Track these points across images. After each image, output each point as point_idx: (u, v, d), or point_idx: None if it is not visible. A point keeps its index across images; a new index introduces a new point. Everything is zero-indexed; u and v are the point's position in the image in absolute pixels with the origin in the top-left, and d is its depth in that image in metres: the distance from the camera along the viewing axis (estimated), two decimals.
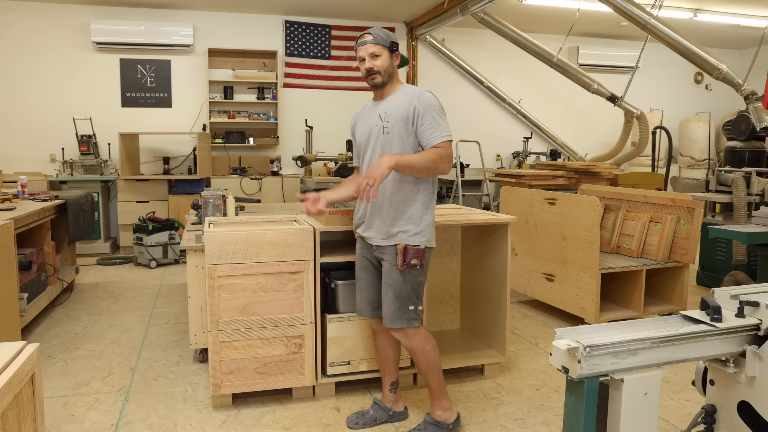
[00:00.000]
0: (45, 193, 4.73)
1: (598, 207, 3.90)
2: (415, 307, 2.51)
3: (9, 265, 3.31)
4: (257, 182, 7.13)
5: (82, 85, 7.17)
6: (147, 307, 4.70)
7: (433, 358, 2.58)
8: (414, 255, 2.45)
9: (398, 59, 2.57)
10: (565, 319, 4.32)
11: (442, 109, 2.49)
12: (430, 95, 2.48)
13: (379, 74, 2.50)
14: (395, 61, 2.55)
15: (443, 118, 2.46)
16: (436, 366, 2.59)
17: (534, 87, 8.78)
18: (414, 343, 2.55)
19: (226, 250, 2.73)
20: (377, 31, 2.51)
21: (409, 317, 2.50)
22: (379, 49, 2.49)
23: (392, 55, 2.53)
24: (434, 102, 2.46)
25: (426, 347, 2.56)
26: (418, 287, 2.52)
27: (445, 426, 2.62)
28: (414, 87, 2.57)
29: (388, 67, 2.51)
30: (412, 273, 2.48)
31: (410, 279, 2.48)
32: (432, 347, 2.58)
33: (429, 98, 2.46)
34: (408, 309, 2.49)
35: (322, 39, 7.86)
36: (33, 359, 1.33)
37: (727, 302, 1.87)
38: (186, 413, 2.85)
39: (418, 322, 2.53)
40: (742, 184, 4.67)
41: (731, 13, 7.59)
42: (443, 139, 2.42)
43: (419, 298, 2.53)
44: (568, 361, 1.59)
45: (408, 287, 2.48)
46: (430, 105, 2.44)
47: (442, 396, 2.63)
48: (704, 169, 8.70)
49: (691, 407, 2.93)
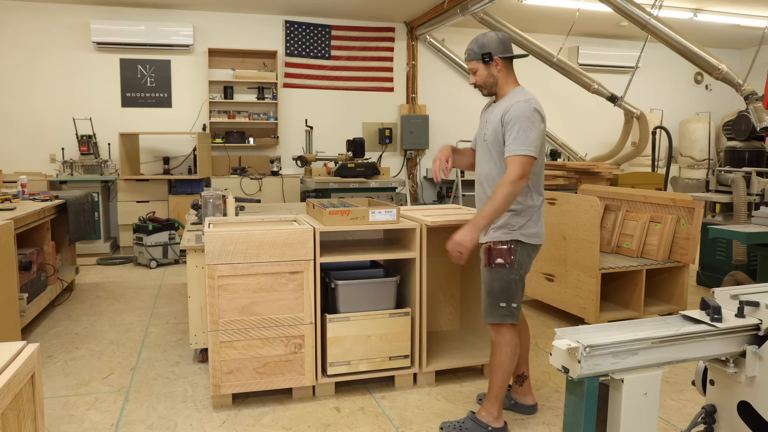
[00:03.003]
0: (45, 193, 4.73)
1: (598, 207, 3.90)
2: (507, 304, 2.53)
3: (9, 265, 3.31)
4: (257, 182, 7.13)
5: (82, 85, 7.17)
6: (147, 307, 4.70)
7: (507, 361, 2.58)
8: (498, 254, 2.50)
9: (500, 64, 2.53)
10: (565, 319, 4.31)
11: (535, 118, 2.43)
12: (522, 105, 2.45)
13: (482, 87, 2.58)
14: (496, 67, 2.53)
15: (529, 130, 2.41)
16: (504, 369, 2.59)
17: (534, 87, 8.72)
18: (498, 338, 2.58)
19: (226, 250, 2.73)
20: (471, 45, 2.54)
21: (500, 314, 2.54)
22: (474, 64, 2.54)
23: (489, 65, 2.53)
24: (523, 112, 2.43)
25: (505, 349, 2.57)
26: (508, 285, 2.53)
27: (484, 425, 2.60)
28: (517, 93, 2.53)
29: (486, 78, 2.55)
30: (500, 271, 2.53)
31: (498, 277, 2.53)
32: (510, 351, 2.58)
33: (519, 108, 2.44)
34: (499, 306, 2.54)
35: (322, 39, 7.86)
36: (33, 359, 1.33)
37: (727, 302, 1.87)
38: (186, 413, 2.85)
39: (511, 319, 2.54)
40: (742, 184, 4.67)
41: (731, 13, 7.58)
42: (515, 153, 2.41)
43: (511, 296, 2.54)
44: (568, 361, 1.59)
45: (497, 285, 2.53)
46: (517, 116, 2.43)
47: (495, 401, 2.62)
48: (704, 169, 8.69)
49: (691, 407, 2.93)
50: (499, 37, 2.54)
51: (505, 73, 2.56)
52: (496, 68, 2.54)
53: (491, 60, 2.52)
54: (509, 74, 2.58)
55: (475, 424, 2.60)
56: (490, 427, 2.59)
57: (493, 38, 2.53)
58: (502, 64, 2.54)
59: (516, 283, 2.54)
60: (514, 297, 2.55)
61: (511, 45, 2.57)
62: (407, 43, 8.21)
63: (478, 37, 2.55)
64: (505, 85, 2.57)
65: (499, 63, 2.53)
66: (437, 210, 3.49)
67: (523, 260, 2.55)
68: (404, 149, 8.15)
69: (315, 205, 3.22)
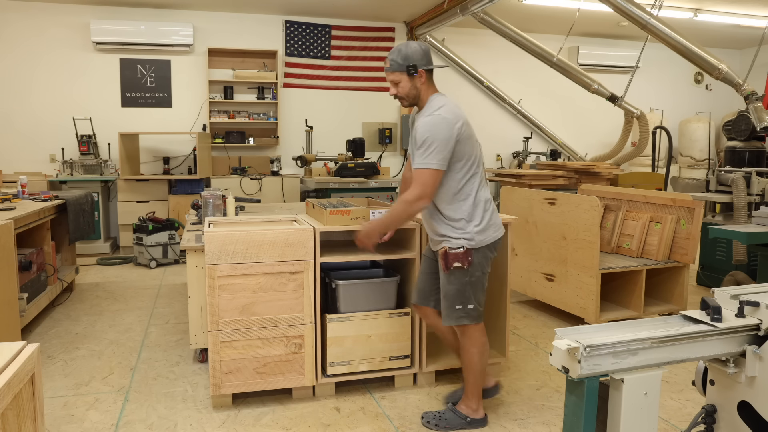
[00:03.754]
0: (45, 193, 4.73)
1: (598, 207, 3.90)
2: (462, 306, 2.57)
3: (9, 265, 3.31)
4: (257, 182, 7.13)
5: (82, 85, 7.17)
6: (147, 307, 4.70)
7: (476, 361, 2.65)
8: (455, 258, 2.51)
9: (423, 76, 2.52)
10: (565, 319, 4.31)
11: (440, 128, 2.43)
12: (429, 119, 2.46)
13: (404, 99, 2.56)
14: (420, 79, 2.52)
15: (434, 142, 2.41)
16: (476, 369, 2.66)
17: (534, 87, 8.77)
18: (463, 340, 2.66)
19: (226, 250, 2.73)
20: (394, 56, 2.51)
21: (457, 316, 2.58)
22: (397, 75, 2.51)
23: (413, 77, 2.51)
24: (428, 126, 2.43)
25: (471, 349, 2.64)
26: (464, 287, 2.56)
27: (462, 416, 2.68)
28: (432, 104, 2.53)
29: (410, 90, 2.53)
30: (456, 274, 2.55)
31: (454, 280, 2.56)
32: (478, 351, 2.64)
33: (425, 122, 2.45)
34: (455, 308, 2.57)
35: (322, 39, 7.86)
36: (33, 359, 1.33)
37: (727, 302, 1.87)
38: (186, 413, 2.85)
39: (468, 320, 2.58)
40: (742, 184, 4.67)
41: (731, 13, 7.58)
42: (418, 166, 2.45)
43: (467, 298, 2.57)
44: (568, 361, 1.59)
45: (452, 288, 2.56)
46: (423, 130, 2.44)
47: (473, 397, 2.70)
48: (704, 169, 8.69)
49: (691, 407, 2.93)
50: (422, 48, 2.53)
51: (427, 85, 2.55)
52: (420, 80, 2.52)
53: (416, 72, 2.50)
54: (430, 86, 2.57)
55: (454, 415, 2.68)
56: (469, 418, 2.68)
57: (417, 50, 2.50)
58: (426, 76, 2.53)
59: (472, 285, 2.57)
60: (471, 299, 2.58)
61: (431, 56, 2.56)
62: None
63: (400, 47, 2.51)
64: (426, 96, 2.56)
65: (423, 75, 2.52)
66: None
67: (480, 261, 2.57)
68: (404, 149, 8.15)
69: (315, 205, 3.22)
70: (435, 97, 2.56)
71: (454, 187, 2.52)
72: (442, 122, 2.43)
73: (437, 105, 2.51)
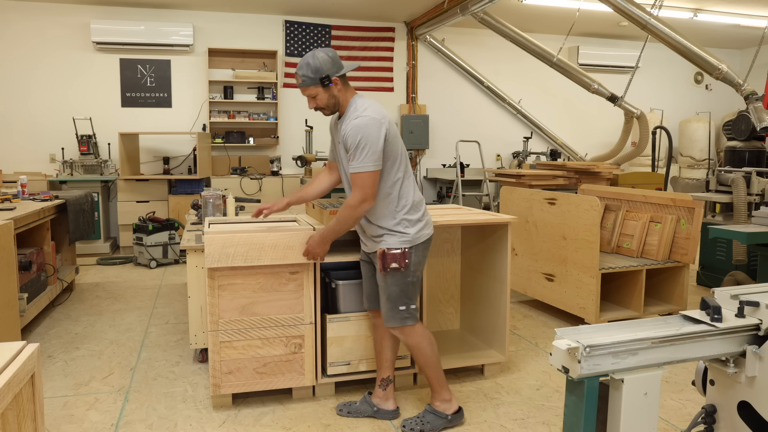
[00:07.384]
0: (45, 193, 4.73)
1: (598, 207, 3.90)
2: (406, 307, 2.57)
3: (9, 265, 3.31)
4: (257, 182, 7.13)
5: (82, 85, 7.17)
6: (147, 307, 4.70)
7: (429, 354, 2.66)
8: (392, 259, 2.50)
9: (339, 83, 2.48)
10: (565, 319, 4.31)
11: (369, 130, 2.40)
12: (354, 122, 2.42)
13: (325, 109, 2.53)
14: (336, 87, 2.48)
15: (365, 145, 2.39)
16: (432, 361, 2.67)
17: (534, 87, 8.77)
18: (409, 340, 2.64)
19: (227, 253, 2.73)
20: (304, 71, 2.44)
21: (401, 317, 2.58)
22: (312, 89, 2.47)
23: (329, 88, 2.47)
24: (354, 131, 2.41)
25: (422, 344, 2.64)
26: (406, 287, 2.56)
27: (443, 416, 2.68)
28: (356, 106, 2.49)
29: (328, 100, 2.50)
30: (395, 276, 2.54)
31: (395, 281, 2.55)
32: (428, 344, 2.65)
33: (351, 126, 2.43)
34: (399, 309, 2.57)
35: (322, 39, 7.86)
36: (33, 359, 1.33)
37: (727, 302, 1.87)
38: (186, 413, 2.85)
39: (412, 321, 2.59)
40: (742, 184, 4.67)
41: (731, 13, 7.59)
42: (354, 170, 2.43)
43: (410, 298, 2.58)
44: (568, 361, 1.59)
45: (395, 289, 2.55)
46: (350, 135, 2.42)
47: (441, 388, 2.71)
48: (704, 169, 8.69)
49: (691, 407, 2.93)
50: (329, 55, 2.46)
51: (344, 90, 2.51)
52: (336, 88, 2.49)
53: (330, 82, 2.46)
54: (347, 89, 2.53)
55: (434, 416, 2.67)
56: (449, 416, 2.68)
57: (325, 59, 2.44)
58: (341, 81, 2.49)
59: (413, 284, 2.58)
60: (413, 299, 2.59)
61: (339, 59, 2.50)
62: (407, 43, 8.21)
63: (308, 60, 2.43)
64: (345, 101, 2.53)
65: (338, 82, 2.48)
66: (437, 210, 3.48)
67: (417, 260, 2.57)
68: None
69: (315, 205, 3.22)
70: (355, 100, 2.52)
71: (387, 187, 2.52)
72: (372, 123, 2.41)
73: (362, 107, 2.47)
